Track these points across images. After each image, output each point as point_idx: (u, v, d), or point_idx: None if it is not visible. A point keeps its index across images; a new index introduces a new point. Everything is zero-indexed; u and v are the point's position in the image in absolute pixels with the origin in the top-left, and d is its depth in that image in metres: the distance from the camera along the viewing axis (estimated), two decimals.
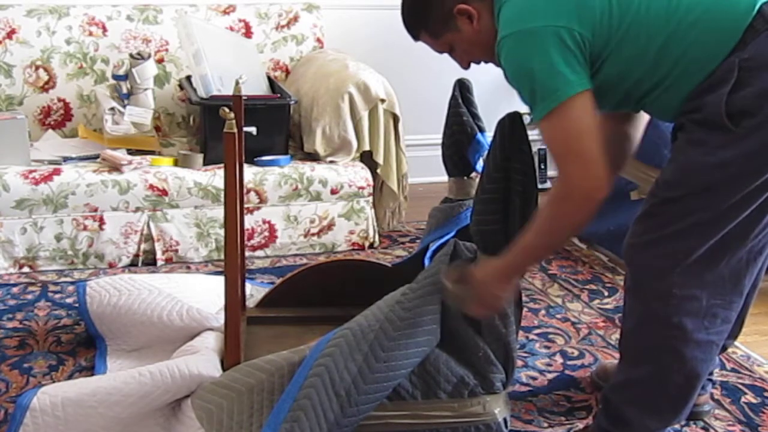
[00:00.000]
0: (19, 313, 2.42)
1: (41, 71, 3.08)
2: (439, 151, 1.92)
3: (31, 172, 2.69)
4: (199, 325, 1.92)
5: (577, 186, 1.43)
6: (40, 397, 1.53)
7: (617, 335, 2.38)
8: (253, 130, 2.48)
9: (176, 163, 2.80)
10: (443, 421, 1.55)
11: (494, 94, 3.91)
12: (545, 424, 1.93)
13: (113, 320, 2.08)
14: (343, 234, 2.92)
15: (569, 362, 2.22)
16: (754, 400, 2.05)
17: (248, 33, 3.27)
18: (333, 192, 2.86)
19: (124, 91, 2.93)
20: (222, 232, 2.43)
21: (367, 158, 2.99)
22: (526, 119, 1.55)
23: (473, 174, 1.89)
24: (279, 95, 2.96)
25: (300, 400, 1.42)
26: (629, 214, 2.87)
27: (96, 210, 2.68)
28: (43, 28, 3.06)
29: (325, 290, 1.96)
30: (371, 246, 2.98)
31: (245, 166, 2.21)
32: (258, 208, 2.81)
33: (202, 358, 1.68)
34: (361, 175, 2.91)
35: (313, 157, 2.95)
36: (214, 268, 2.74)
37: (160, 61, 3.14)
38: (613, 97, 1.55)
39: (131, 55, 2.93)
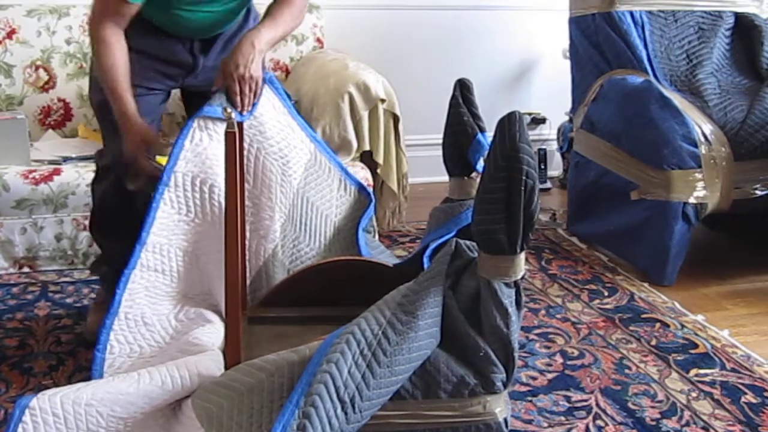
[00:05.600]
0: (19, 313, 2.42)
1: (41, 71, 3.08)
2: (439, 151, 1.92)
3: (31, 172, 2.69)
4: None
5: None
6: (39, 396, 1.53)
7: (617, 335, 2.38)
8: None
9: None
10: (443, 421, 1.55)
11: (494, 94, 3.93)
12: (545, 424, 1.93)
13: None
14: None
15: (569, 362, 2.22)
16: (754, 400, 2.05)
17: None
18: None
19: None
20: None
21: (367, 158, 2.99)
22: (527, 119, 1.55)
23: (474, 174, 1.89)
24: None
25: (305, 408, 1.42)
26: (629, 214, 2.89)
27: None
28: (43, 28, 3.06)
29: (325, 290, 1.95)
30: None
31: None
32: None
33: (205, 358, 1.68)
34: (361, 175, 2.90)
35: None
36: None
37: None
38: None
39: None
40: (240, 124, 1.88)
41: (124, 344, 1.81)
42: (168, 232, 1.91)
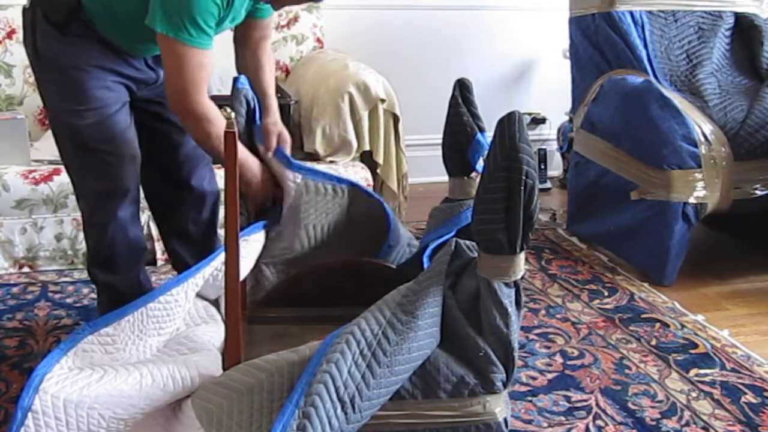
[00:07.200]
0: (19, 313, 2.42)
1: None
2: (439, 151, 1.92)
3: (31, 172, 2.69)
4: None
5: None
6: (41, 397, 1.53)
7: (617, 335, 2.38)
8: None
9: None
10: (443, 421, 1.55)
11: (494, 94, 3.92)
12: (545, 424, 1.93)
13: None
14: None
15: (569, 362, 2.22)
16: (754, 400, 2.05)
17: None
18: None
19: None
20: (222, 232, 2.43)
21: (367, 158, 2.99)
22: (527, 119, 1.55)
23: (473, 174, 1.89)
24: (279, 95, 2.95)
25: (305, 408, 1.42)
26: (629, 214, 2.89)
27: None
28: None
29: (325, 290, 1.95)
30: None
31: None
32: None
33: (205, 358, 1.68)
34: (361, 175, 2.91)
35: (313, 157, 2.95)
36: None
37: None
38: None
39: None
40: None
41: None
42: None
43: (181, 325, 1.79)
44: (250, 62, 2.09)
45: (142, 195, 2.19)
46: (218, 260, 1.77)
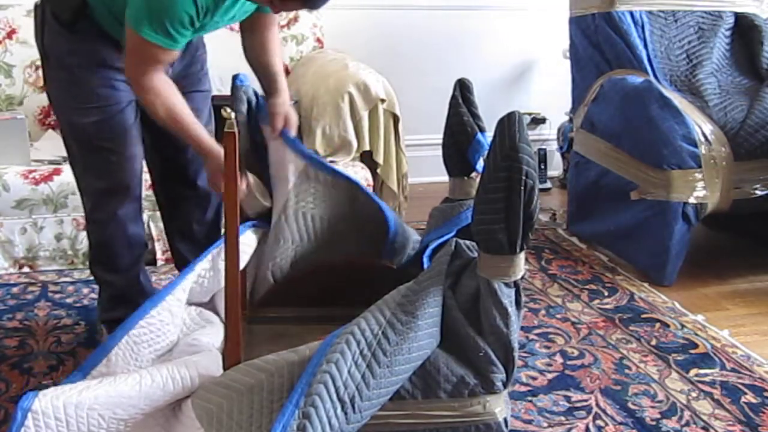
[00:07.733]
0: (19, 313, 2.42)
1: (41, 71, 3.08)
2: (439, 151, 1.92)
3: (31, 172, 2.69)
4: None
5: None
6: (41, 398, 1.53)
7: (617, 335, 2.38)
8: None
9: None
10: (443, 421, 1.55)
11: (494, 94, 3.93)
12: (545, 424, 1.93)
13: None
14: None
15: (569, 362, 2.22)
16: (754, 400, 2.05)
17: None
18: None
19: None
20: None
21: (367, 158, 2.99)
22: (527, 119, 1.55)
23: (473, 174, 1.89)
24: None
25: (304, 408, 1.42)
26: (629, 214, 2.89)
27: None
28: None
29: (325, 290, 1.95)
30: None
31: None
32: None
33: (205, 358, 1.68)
34: (361, 175, 2.91)
35: None
36: None
37: None
38: None
39: None
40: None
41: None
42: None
43: (179, 336, 1.79)
44: (257, 44, 2.05)
45: (147, 192, 2.18)
46: (200, 267, 1.77)
